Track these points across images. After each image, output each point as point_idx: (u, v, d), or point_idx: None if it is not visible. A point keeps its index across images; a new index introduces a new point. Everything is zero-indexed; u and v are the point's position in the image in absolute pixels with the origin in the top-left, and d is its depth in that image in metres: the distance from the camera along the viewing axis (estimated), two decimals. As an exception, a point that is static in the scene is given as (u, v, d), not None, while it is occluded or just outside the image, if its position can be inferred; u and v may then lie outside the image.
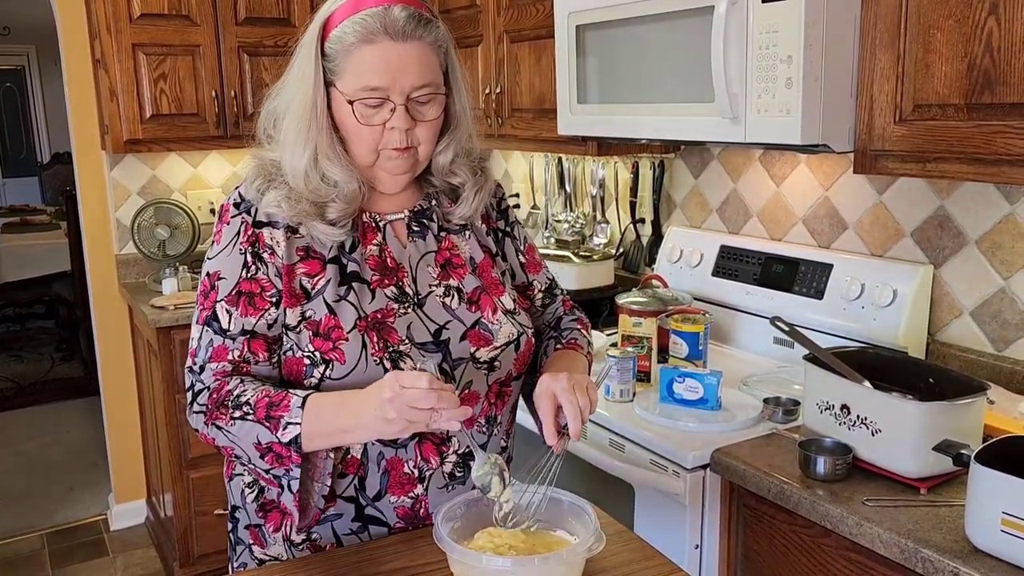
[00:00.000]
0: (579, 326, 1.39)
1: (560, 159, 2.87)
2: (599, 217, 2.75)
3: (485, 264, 1.30)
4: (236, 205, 1.21)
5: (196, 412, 1.17)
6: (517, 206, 3.17)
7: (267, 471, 1.14)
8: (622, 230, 2.70)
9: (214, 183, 3.44)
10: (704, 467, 1.61)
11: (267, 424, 1.10)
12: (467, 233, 1.30)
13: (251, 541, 1.28)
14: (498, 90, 2.61)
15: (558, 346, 1.33)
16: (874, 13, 1.51)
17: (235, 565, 1.31)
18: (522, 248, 1.38)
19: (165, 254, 3.18)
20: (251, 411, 1.11)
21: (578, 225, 2.75)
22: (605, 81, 2.05)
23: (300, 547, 1.24)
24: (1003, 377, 1.69)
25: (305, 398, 1.10)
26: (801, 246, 2.11)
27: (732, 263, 2.23)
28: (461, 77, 1.25)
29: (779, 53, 1.57)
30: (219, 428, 1.14)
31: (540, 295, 1.40)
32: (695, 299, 2.24)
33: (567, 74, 2.15)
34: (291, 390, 1.13)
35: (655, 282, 2.31)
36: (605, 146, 2.31)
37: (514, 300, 1.30)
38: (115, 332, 3.34)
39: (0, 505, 3.70)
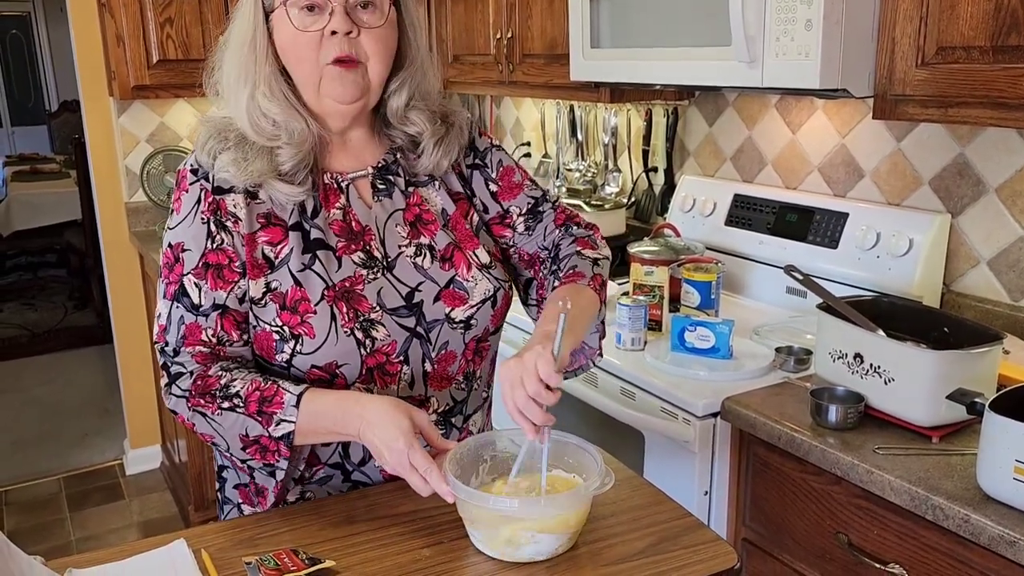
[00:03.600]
0: (578, 246, 1.27)
1: (572, 107, 2.83)
2: (611, 166, 2.71)
3: (457, 216, 1.23)
4: (194, 172, 1.15)
5: (177, 396, 1.13)
6: (528, 155, 3.13)
7: (244, 461, 1.13)
8: (634, 179, 2.67)
9: (222, 131, 3.41)
10: (714, 415, 1.61)
11: (258, 419, 1.08)
12: (436, 183, 1.23)
13: (240, 500, 1.26)
14: (509, 35, 2.56)
15: (555, 283, 1.24)
16: (899, -49, 1.46)
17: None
18: (493, 176, 1.28)
19: (174, 202, 3.17)
20: (241, 404, 1.09)
21: (590, 174, 2.72)
22: (619, 25, 2.00)
23: (296, 504, 1.22)
24: (1019, 327, 1.67)
25: (299, 396, 1.08)
26: (816, 195, 2.09)
27: (745, 212, 2.21)
28: (416, 15, 1.19)
29: (799, -6, 1.52)
30: (203, 416, 1.11)
31: (521, 219, 1.29)
32: (708, 248, 2.22)
33: (580, 18, 2.11)
34: (282, 384, 1.10)
35: (667, 231, 2.28)
36: (618, 93, 2.27)
37: (489, 252, 1.24)
38: (126, 280, 3.35)
39: (17, 450, 3.76)
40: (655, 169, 2.59)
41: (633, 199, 2.67)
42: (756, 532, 1.60)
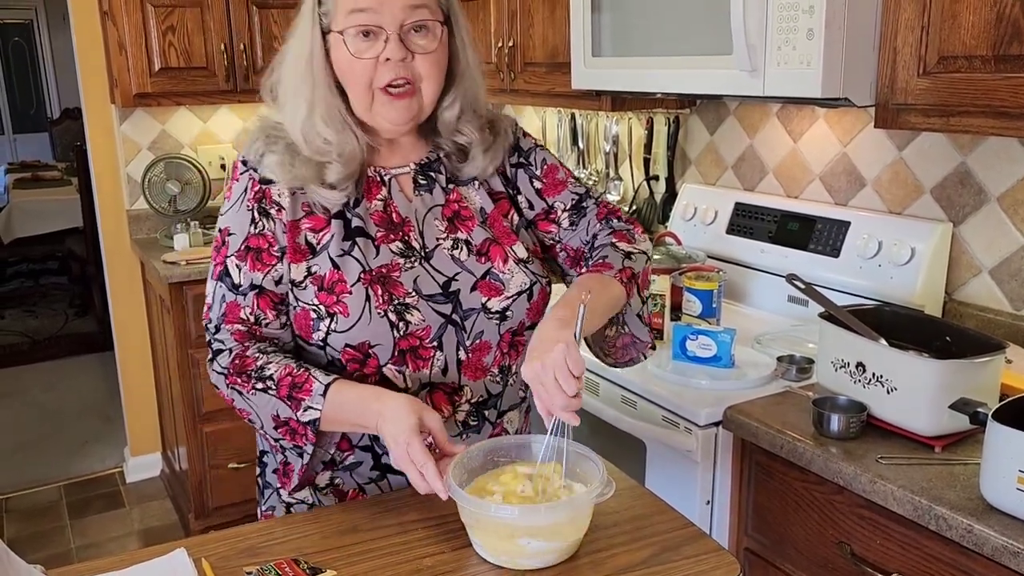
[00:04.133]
0: (613, 239, 1.28)
1: (573, 115, 2.83)
2: (612, 174, 2.72)
3: (496, 214, 1.26)
4: (244, 163, 1.22)
5: (218, 372, 1.20)
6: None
7: (276, 440, 1.18)
8: (635, 187, 2.67)
9: (224, 138, 3.42)
10: (716, 424, 1.60)
11: (288, 403, 1.13)
12: (477, 183, 1.27)
13: (278, 485, 1.30)
14: (510, 43, 2.57)
15: (582, 271, 1.26)
16: (900, -39, 1.46)
17: (263, 508, 1.33)
18: (538, 173, 1.31)
19: (176, 209, 3.17)
20: (274, 386, 1.14)
21: (591, 182, 2.73)
22: (620, 33, 2.01)
23: (324, 491, 1.26)
24: (1021, 336, 1.67)
25: (328, 386, 1.12)
26: (817, 203, 2.09)
27: (747, 221, 2.21)
28: (465, 29, 1.22)
29: (800, 3, 1.53)
30: (239, 393, 1.17)
31: (566, 214, 1.30)
32: (709, 257, 2.22)
33: (581, 26, 2.11)
34: (313, 372, 1.14)
35: (669, 239, 2.28)
36: (619, 101, 2.28)
37: (528, 248, 1.26)
38: (128, 287, 3.35)
39: (17, 457, 3.75)
40: (656, 177, 2.59)
41: (634, 207, 2.67)
42: (758, 542, 1.60)
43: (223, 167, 3.39)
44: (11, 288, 6.32)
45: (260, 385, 1.15)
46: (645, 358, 1.31)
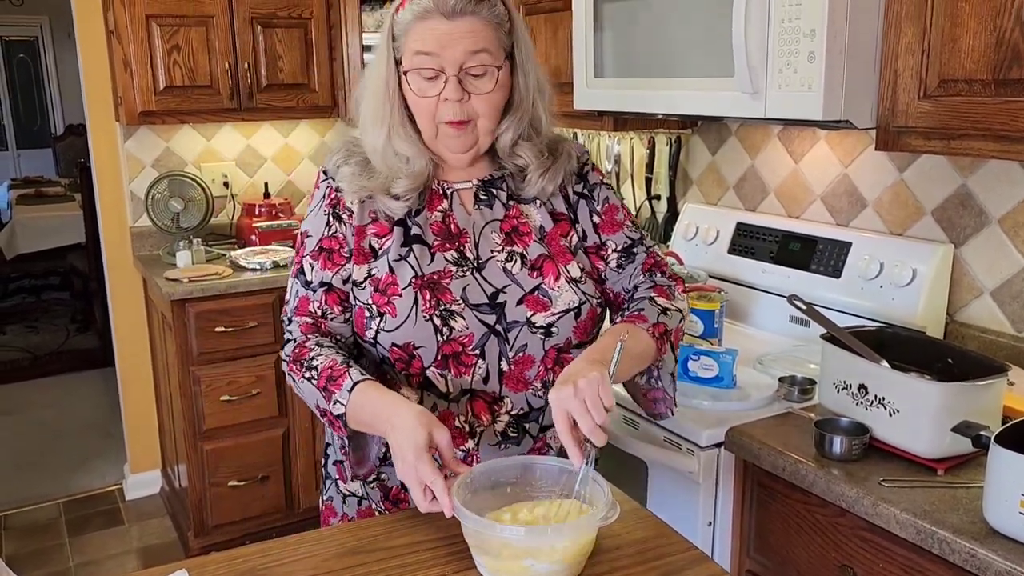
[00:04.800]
0: (653, 293, 1.32)
1: (575, 134, 2.85)
2: (614, 193, 2.72)
3: (555, 232, 1.31)
4: (324, 172, 1.33)
5: (284, 360, 1.29)
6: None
7: (327, 423, 1.25)
8: (637, 206, 2.68)
9: (227, 156, 3.43)
10: (718, 445, 1.60)
11: (323, 394, 1.20)
12: (538, 203, 1.32)
13: (336, 476, 1.39)
14: (513, 63, 2.58)
15: (617, 320, 1.30)
16: (900, -14, 1.47)
17: (324, 498, 1.43)
18: (598, 209, 1.36)
19: (179, 227, 3.18)
20: (315, 377, 1.21)
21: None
22: (622, 55, 2.02)
23: (371, 484, 1.33)
24: (1023, 359, 1.67)
25: (356, 383, 1.17)
26: (819, 224, 2.09)
27: (748, 241, 2.21)
28: (528, 57, 1.28)
29: (802, 27, 1.54)
30: (294, 380, 1.27)
31: (615, 255, 1.35)
32: (710, 276, 2.23)
33: (584, 47, 2.13)
34: (351, 368, 1.19)
35: (671, 259, 2.29)
36: (621, 121, 2.29)
37: (582, 269, 1.30)
38: (130, 304, 3.36)
39: (17, 474, 3.74)
40: (658, 197, 2.60)
41: (636, 226, 2.67)
42: (761, 564, 1.59)
43: (226, 184, 3.41)
44: (13, 304, 6.32)
45: (307, 374, 1.22)
46: (672, 414, 1.33)
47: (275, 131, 3.51)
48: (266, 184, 3.43)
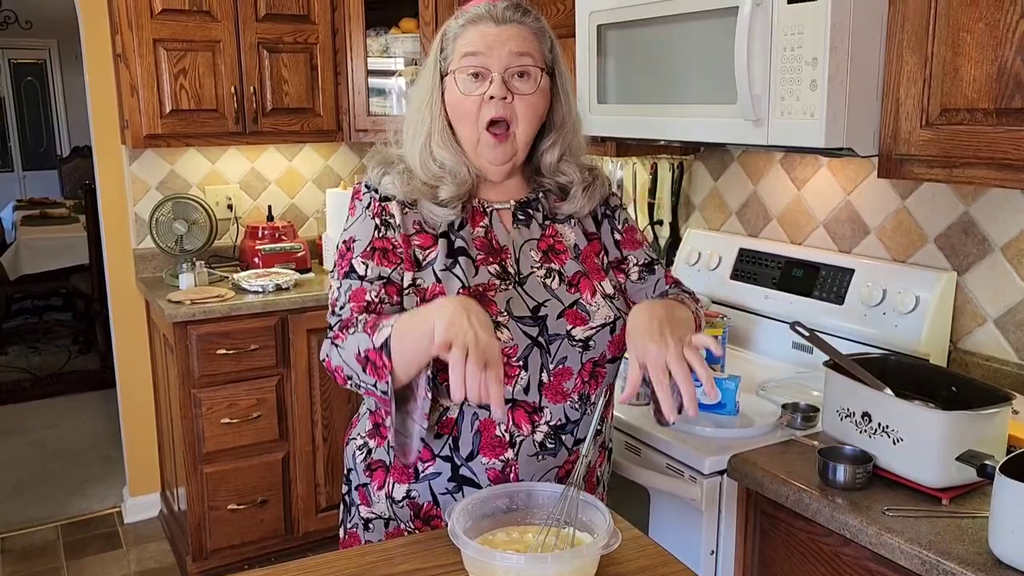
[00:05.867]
0: (685, 295, 1.42)
1: (578, 159, 2.86)
2: (617, 218, 2.73)
3: (589, 251, 1.38)
4: (366, 187, 1.35)
5: (328, 339, 1.28)
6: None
7: (371, 385, 1.20)
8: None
9: (232, 179, 3.45)
10: (721, 473, 1.59)
11: (369, 332, 1.20)
12: (572, 222, 1.38)
13: (359, 502, 1.39)
14: (517, 89, 2.60)
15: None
16: (901, 15, 1.48)
17: (348, 526, 1.42)
18: (619, 227, 1.43)
19: (182, 249, 3.19)
20: (363, 325, 1.22)
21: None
22: (625, 81, 2.03)
23: (400, 504, 1.32)
24: (1027, 387, 1.66)
25: (402, 311, 1.22)
26: (821, 250, 2.09)
27: (751, 267, 2.21)
28: (569, 82, 1.34)
29: (804, 55, 1.55)
30: (337, 347, 1.24)
31: (636, 268, 1.43)
32: (713, 302, 2.23)
33: (587, 74, 2.14)
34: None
35: (673, 284, 2.29)
36: (624, 147, 2.30)
37: (615, 286, 1.37)
38: (132, 326, 3.36)
39: (15, 496, 3.72)
40: (661, 222, 2.61)
41: (638, 252, 2.68)
42: (764, 593, 1.57)
43: (230, 207, 3.42)
44: (15, 324, 6.33)
45: (353, 330, 1.23)
46: (674, 422, 1.29)
47: (279, 154, 3.53)
48: (269, 207, 3.45)
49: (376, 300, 1.27)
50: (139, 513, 3.47)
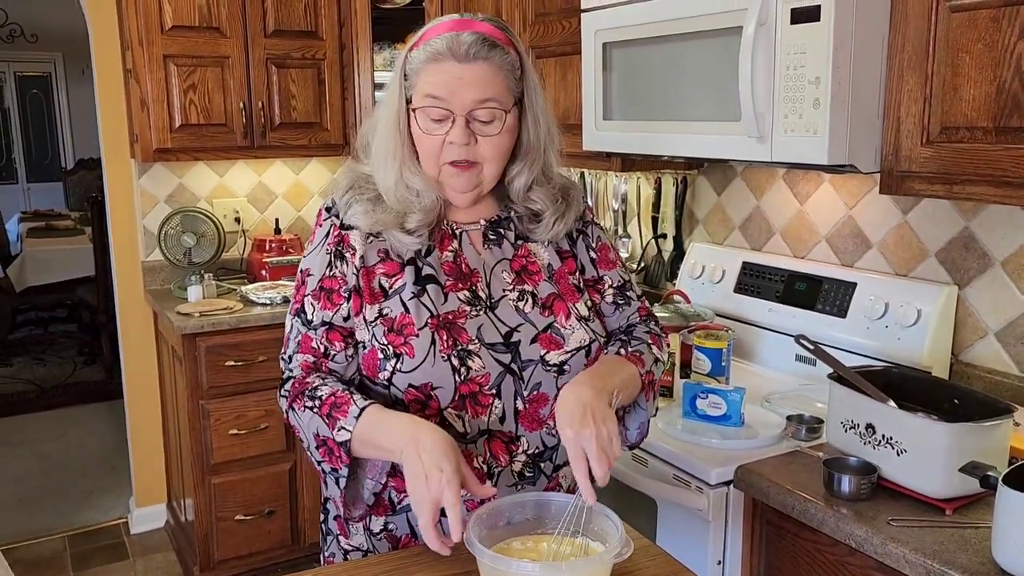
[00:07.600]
0: (649, 340, 1.36)
1: (582, 173, 2.89)
2: (621, 232, 2.76)
3: (563, 271, 1.34)
4: (328, 209, 1.31)
5: (283, 397, 1.29)
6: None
7: (319, 463, 1.22)
8: (644, 245, 2.71)
9: (240, 192, 3.49)
10: (727, 483, 1.61)
11: (327, 421, 1.19)
12: (546, 241, 1.34)
13: (338, 532, 1.35)
14: (523, 105, 2.63)
15: (620, 350, 1.32)
16: (902, 36, 1.52)
17: (325, 555, 1.39)
18: (593, 245, 1.39)
19: (191, 261, 3.22)
20: (319, 405, 1.20)
21: (600, 239, 2.77)
22: (631, 98, 2.07)
23: (379, 536, 1.29)
24: (1028, 399, 1.69)
25: (363, 408, 1.17)
26: (824, 264, 2.12)
27: (754, 280, 2.24)
28: (538, 103, 1.28)
29: (807, 74, 1.58)
30: (295, 412, 1.25)
31: (611, 291, 1.38)
32: (717, 315, 2.25)
33: (593, 91, 2.17)
34: (355, 395, 1.20)
35: (677, 297, 2.32)
36: (629, 162, 2.33)
37: (588, 308, 1.33)
38: (140, 337, 3.38)
39: (22, 507, 3.74)
40: (664, 236, 2.64)
41: (643, 265, 2.71)
42: (770, 603, 1.59)
43: (237, 220, 3.45)
44: (20, 336, 6.35)
45: (309, 403, 1.22)
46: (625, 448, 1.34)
47: (287, 168, 3.56)
48: (277, 220, 3.48)
49: (321, 351, 1.26)
50: (145, 524, 3.49)
